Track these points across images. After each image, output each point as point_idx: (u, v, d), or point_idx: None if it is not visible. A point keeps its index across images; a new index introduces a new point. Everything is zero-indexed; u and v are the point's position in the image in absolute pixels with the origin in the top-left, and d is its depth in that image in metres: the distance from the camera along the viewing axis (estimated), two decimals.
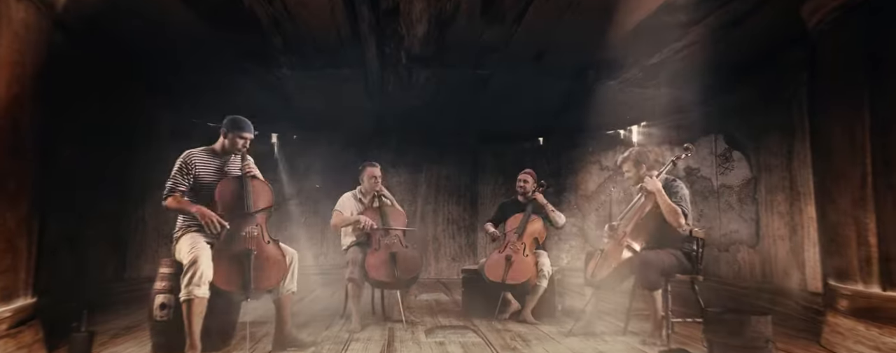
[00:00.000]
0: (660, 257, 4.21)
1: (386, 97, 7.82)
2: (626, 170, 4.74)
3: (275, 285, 3.91)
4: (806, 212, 5.43)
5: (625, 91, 7.18)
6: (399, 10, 5.26)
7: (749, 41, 5.46)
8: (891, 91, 3.67)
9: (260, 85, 7.17)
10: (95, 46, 5.52)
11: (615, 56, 6.09)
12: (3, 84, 3.27)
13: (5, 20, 3.29)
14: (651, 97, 7.42)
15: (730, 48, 5.65)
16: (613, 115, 8.33)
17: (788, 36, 5.11)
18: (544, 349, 4.10)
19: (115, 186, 6.59)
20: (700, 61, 5.97)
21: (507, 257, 5.31)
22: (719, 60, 5.98)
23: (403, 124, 9.72)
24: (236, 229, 3.85)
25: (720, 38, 5.42)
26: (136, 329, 4.79)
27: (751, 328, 3.30)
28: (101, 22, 4.92)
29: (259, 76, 6.84)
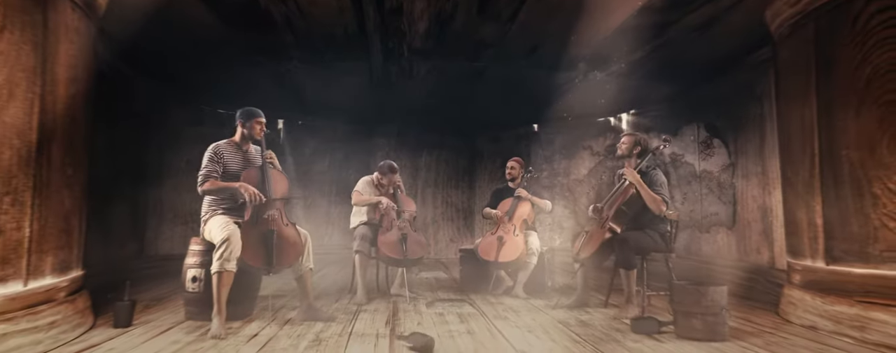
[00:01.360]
0: (637, 238, 4.74)
1: (388, 87, 8.29)
2: (624, 141, 5.18)
3: (293, 261, 4.44)
4: (774, 196, 5.94)
5: (613, 82, 7.66)
6: (402, 9, 5.73)
7: (722, 40, 5.94)
8: (834, 89, 4.17)
9: (270, 76, 7.66)
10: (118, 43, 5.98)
11: (602, 51, 6.54)
12: (62, 85, 3.77)
13: (63, 28, 3.78)
14: (638, 87, 7.90)
15: (705, 46, 6.14)
16: (603, 103, 8.82)
17: (757, 36, 5.59)
18: (532, 318, 4.64)
19: (133, 170, 7.09)
20: (680, 57, 6.49)
21: (499, 238, 5.85)
22: (697, 56, 6.48)
23: (405, 112, 10.18)
24: (259, 213, 4.38)
25: (695, 37, 5.92)
26: (165, 300, 5.35)
27: (708, 298, 3.84)
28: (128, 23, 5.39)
29: (270, 68, 7.32)
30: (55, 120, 3.69)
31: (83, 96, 4.08)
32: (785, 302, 4.68)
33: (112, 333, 3.93)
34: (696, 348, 3.66)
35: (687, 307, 3.91)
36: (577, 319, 4.62)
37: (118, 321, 4.12)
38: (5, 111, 3.22)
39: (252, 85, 7.95)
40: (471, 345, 3.67)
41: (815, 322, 4.18)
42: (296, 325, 4.30)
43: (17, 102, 3.31)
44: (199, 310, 4.36)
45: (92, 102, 4.30)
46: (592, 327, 4.30)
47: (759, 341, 3.84)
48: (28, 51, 3.41)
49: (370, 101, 9.17)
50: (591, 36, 6.09)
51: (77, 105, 3.99)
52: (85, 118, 4.15)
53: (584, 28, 5.89)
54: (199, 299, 4.36)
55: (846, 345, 3.71)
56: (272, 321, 4.46)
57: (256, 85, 7.98)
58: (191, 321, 4.37)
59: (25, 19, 3.39)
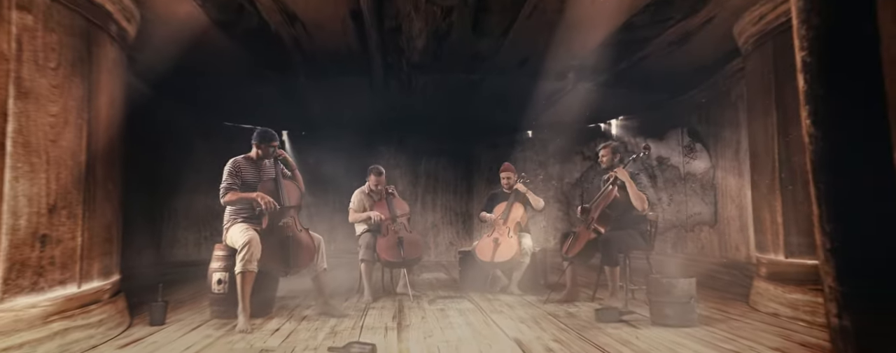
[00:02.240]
0: (620, 238, 5.30)
1: (388, 98, 8.84)
2: (603, 155, 5.77)
3: (308, 264, 5.00)
4: (749, 196, 6.49)
5: (601, 91, 8.21)
6: (401, 29, 6.27)
7: (698, 52, 6.51)
8: (790, 101, 4.72)
9: (276, 90, 8.20)
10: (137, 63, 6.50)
11: (589, 62, 7.09)
12: (104, 110, 4.32)
13: (104, 60, 4.33)
14: (625, 95, 8.46)
15: (685, 57, 6.70)
16: (593, 110, 9.38)
17: (730, 48, 6.13)
18: (525, 311, 5.18)
19: (149, 182, 7.63)
20: (662, 67, 7.05)
21: (495, 240, 6.40)
22: (678, 66, 7.03)
23: (404, 122, 10.74)
24: (275, 220, 4.92)
25: (674, 49, 6.47)
26: (189, 302, 5.89)
27: (678, 288, 4.39)
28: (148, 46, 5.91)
29: (277, 83, 7.87)
30: (99, 142, 4.24)
31: (119, 118, 4.64)
32: (754, 293, 5.23)
33: (150, 330, 4.47)
34: (668, 333, 4.20)
35: (660, 297, 4.47)
36: (566, 311, 5.17)
37: (153, 319, 4.66)
38: (61, 137, 3.77)
39: (259, 99, 8.52)
40: (469, 334, 4.22)
41: (778, 310, 4.73)
42: (312, 320, 4.85)
43: (70, 128, 3.86)
44: (224, 309, 4.91)
45: (125, 123, 4.85)
46: (579, 318, 4.85)
47: (725, 326, 4.40)
48: (78, 83, 3.96)
49: (371, 112, 9.72)
50: (577, 49, 6.63)
51: (115, 127, 4.55)
52: (120, 138, 4.69)
53: (571, 42, 6.43)
54: (224, 299, 4.91)
55: (799, 328, 4.26)
56: (290, 317, 5.00)
57: (263, 99, 8.54)
58: (217, 319, 4.91)
59: (75, 55, 3.94)
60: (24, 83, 3.46)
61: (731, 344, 3.80)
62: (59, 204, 3.74)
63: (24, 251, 3.41)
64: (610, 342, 3.93)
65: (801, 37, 2.09)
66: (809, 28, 2.04)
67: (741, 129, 6.65)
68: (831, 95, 1.97)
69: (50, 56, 3.68)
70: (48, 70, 3.66)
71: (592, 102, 8.71)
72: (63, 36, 3.82)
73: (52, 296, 3.62)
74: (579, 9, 5.55)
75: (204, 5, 5.19)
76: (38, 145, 3.56)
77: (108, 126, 4.41)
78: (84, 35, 4.07)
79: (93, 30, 4.18)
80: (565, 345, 3.84)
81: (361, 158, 10.74)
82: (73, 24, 3.93)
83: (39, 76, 3.58)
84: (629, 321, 4.65)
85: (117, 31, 4.59)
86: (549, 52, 6.79)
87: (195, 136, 8.70)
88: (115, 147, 4.58)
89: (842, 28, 1.96)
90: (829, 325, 1.96)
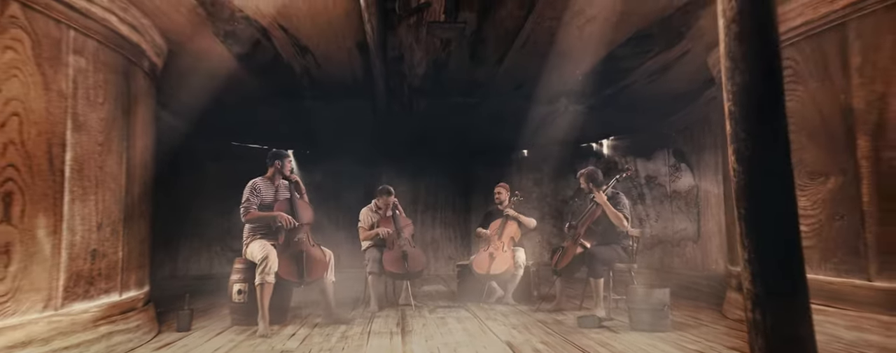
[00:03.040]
0: (604, 252, 5.85)
1: (390, 120, 9.42)
2: (582, 183, 6.34)
3: (320, 276, 5.55)
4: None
5: (591, 113, 8.79)
6: (403, 58, 6.85)
7: (679, 81, 7.09)
8: None
9: (284, 113, 8.78)
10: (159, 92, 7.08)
11: (579, 88, 7.67)
12: (139, 138, 4.90)
13: (139, 91, 4.91)
14: (614, 117, 9.05)
15: (667, 85, 7.29)
16: (585, 131, 9.97)
17: (707, 78, 6.71)
18: (517, 319, 5.73)
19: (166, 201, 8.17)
20: (647, 93, 7.64)
21: (490, 254, 6.95)
22: (661, 93, 7.62)
23: (405, 142, 11.34)
24: (290, 237, 5.48)
25: (656, 78, 7.06)
26: (210, 310, 6.44)
27: (654, 297, 4.94)
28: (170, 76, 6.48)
29: (285, 106, 8.44)
30: (135, 166, 4.81)
31: (150, 143, 5.22)
32: (726, 302, 5.79)
33: (178, 335, 5.01)
34: (644, 336, 4.76)
35: (637, 305, 5.02)
36: (554, 319, 5.72)
37: (181, 325, 5.20)
38: (106, 163, 4.33)
39: (268, 121, 9.09)
40: (466, 338, 4.76)
41: (743, 317, 5.27)
42: (324, 326, 5.40)
43: (113, 155, 4.43)
44: (243, 317, 5.46)
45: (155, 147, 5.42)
46: (565, 325, 5.39)
47: (695, 331, 4.95)
48: (119, 115, 4.54)
49: (373, 132, 10.31)
50: (567, 76, 7.21)
51: (147, 151, 5.13)
52: (151, 161, 5.26)
53: (561, 70, 7.01)
54: (244, 308, 5.46)
55: None
56: (303, 324, 5.54)
57: (272, 121, 9.12)
58: (237, 325, 5.46)
59: (117, 90, 4.52)
60: (79, 117, 4.02)
61: (697, 345, 4.35)
62: (105, 222, 4.29)
63: (78, 264, 3.96)
64: (591, 344, 4.48)
65: (727, 90, 2.63)
66: (734, 84, 2.58)
67: (719, 150, 7.21)
68: (749, 138, 2.53)
69: (98, 92, 4.25)
70: (97, 105, 4.23)
71: (583, 124, 9.30)
72: (108, 74, 4.39)
73: (99, 303, 4.17)
74: (567, 41, 6.13)
75: (225, 41, 5.77)
76: (88, 171, 4.12)
77: (142, 151, 4.99)
78: (124, 72, 4.65)
79: (130, 66, 4.76)
80: (551, 347, 4.39)
81: (363, 177, 11.31)
82: (115, 63, 4.51)
83: (90, 110, 4.15)
84: (610, 326, 5.21)
85: (149, 66, 5.17)
86: (542, 79, 7.36)
87: (207, 156, 9.26)
88: (147, 169, 5.15)
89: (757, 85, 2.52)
90: (747, 319, 2.51)
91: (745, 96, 2.57)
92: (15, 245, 3.43)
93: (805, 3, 4.49)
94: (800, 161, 4.65)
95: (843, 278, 4.22)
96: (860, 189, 4.11)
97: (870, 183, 4.04)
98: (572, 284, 7.31)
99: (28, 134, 3.57)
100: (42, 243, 3.65)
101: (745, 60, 2.56)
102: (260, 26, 5.51)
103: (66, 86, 3.91)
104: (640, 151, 9.55)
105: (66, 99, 3.91)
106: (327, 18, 5.49)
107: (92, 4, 4.09)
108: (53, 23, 3.81)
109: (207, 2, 4.87)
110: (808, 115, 4.57)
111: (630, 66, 6.74)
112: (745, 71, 2.56)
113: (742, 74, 2.58)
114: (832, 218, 4.34)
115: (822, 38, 4.45)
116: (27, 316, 3.50)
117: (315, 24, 5.61)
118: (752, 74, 2.56)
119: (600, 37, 5.99)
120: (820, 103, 4.46)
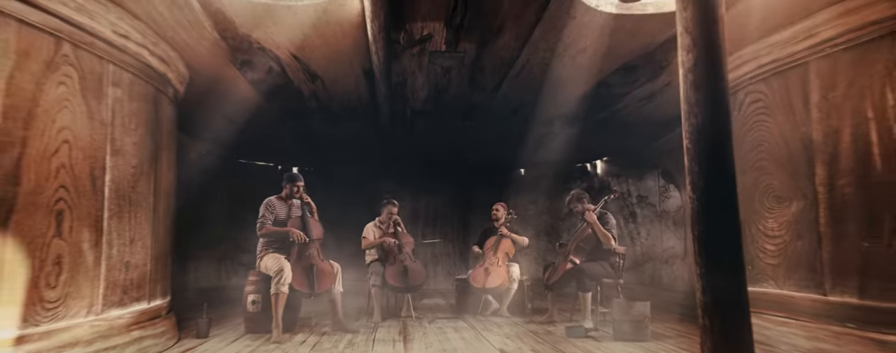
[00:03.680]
0: (592, 268, 6.35)
1: (393, 140, 9.93)
2: (571, 205, 6.84)
3: (328, 288, 6.05)
4: None
5: (585, 135, 9.29)
6: (406, 83, 7.35)
7: (666, 107, 7.59)
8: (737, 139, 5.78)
9: (292, 133, 9.29)
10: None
11: (573, 112, 8.18)
12: (164, 158, 5.42)
13: (164, 116, 5.43)
14: (607, 139, 9.56)
15: (655, 111, 7.79)
16: (579, 152, 10.48)
17: None
18: (511, 329, 6.21)
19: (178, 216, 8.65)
20: (637, 118, 8.15)
21: (486, 269, 7.44)
22: (650, 118, 8.13)
23: (407, 161, 11.87)
24: (301, 251, 5.98)
25: (645, 104, 7.57)
26: (223, 319, 6.93)
27: (635, 309, 5.43)
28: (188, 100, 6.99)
29: (293, 127, 8.95)
30: (160, 185, 5.32)
31: (173, 164, 5.73)
32: None
33: (198, 341, 5.49)
34: (625, 345, 5.25)
35: (620, 317, 5.51)
36: (545, 330, 6.20)
37: (199, 332, 5.69)
38: (138, 183, 4.83)
39: (276, 140, 9.60)
40: (463, 346, 5.25)
41: None
42: (331, 334, 5.89)
43: (143, 176, 4.93)
44: (257, 325, 5.95)
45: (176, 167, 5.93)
46: (555, 335, 5.88)
47: (672, 340, 5.44)
48: (148, 139, 5.05)
49: (376, 152, 10.84)
50: (562, 101, 7.71)
51: (170, 171, 5.64)
52: (174, 180, 5.77)
53: (555, 95, 7.50)
54: (257, 316, 5.95)
55: None
56: (312, 332, 6.03)
57: (280, 140, 9.63)
58: (250, 333, 5.94)
59: (147, 117, 5.04)
60: (116, 143, 4.53)
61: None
62: (136, 237, 4.79)
63: (115, 274, 4.45)
64: (576, 351, 4.97)
65: (685, 130, 3.13)
66: (690, 125, 3.09)
67: None
68: (701, 172, 3.03)
69: (132, 120, 4.76)
70: (131, 131, 4.74)
71: (578, 145, 9.80)
72: (140, 103, 4.91)
73: (132, 310, 4.66)
74: (561, 69, 6.63)
75: (241, 68, 6.27)
76: (124, 191, 4.62)
77: (166, 171, 5.50)
78: (153, 100, 5.16)
79: (158, 94, 5.29)
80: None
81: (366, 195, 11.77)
82: (146, 93, 5.02)
83: (125, 136, 4.66)
84: (595, 336, 5.70)
85: (173, 93, 5.69)
86: (537, 103, 7.85)
87: (216, 173, 9.76)
88: (171, 188, 5.65)
89: (709, 127, 3.02)
90: (698, 324, 2.99)
91: (699, 136, 3.09)
92: (65, 257, 3.93)
93: (773, 42, 5.02)
94: (768, 186, 5.16)
95: (803, 292, 4.72)
96: (818, 213, 4.62)
97: (826, 207, 4.56)
98: (565, 298, 7.79)
99: (75, 159, 4.08)
100: (86, 255, 4.14)
101: (699, 104, 3.09)
102: (275, 56, 6.02)
103: (106, 115, 4.42)
104: (632, 171, 10.04)
105: (106, 126, 4.42)
106: (337, 48, 5.99)
107: (128, 41, 4.61)
108: (96, 59, 4.33)
109: (229, 36, 5.39)
110: (775, 144, 5.09)
111: (620, 92, 7.24)
112: (699, 114, 3.09)
113: (696, 116, 3.11)
114: (795, 239, 4.85)
115: (787, 75, 4.98)
116: (74, 320, 4.00)
117: (325, 54, 6.11)
118: (705, 116, 3.08)
119: (590, 67, 6.49)
120: (785, 134, 4.98)
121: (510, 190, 12.22)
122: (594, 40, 5.84)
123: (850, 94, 4.40)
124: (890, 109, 4.11)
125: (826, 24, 4.51)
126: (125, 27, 4.52)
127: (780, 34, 4.93)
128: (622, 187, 10.18)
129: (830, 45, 4.53)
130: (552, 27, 5.43)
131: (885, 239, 4.11)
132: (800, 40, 4.76)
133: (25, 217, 3.64)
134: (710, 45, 3.02)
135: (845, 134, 4.42)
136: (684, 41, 3.08)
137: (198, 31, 5.12)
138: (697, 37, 3.04)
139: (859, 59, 4.34)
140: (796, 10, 4.68)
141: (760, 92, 5.29)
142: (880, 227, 4.15)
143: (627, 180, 10.09)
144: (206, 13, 4.82)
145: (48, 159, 3.84)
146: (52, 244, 3.83)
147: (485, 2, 4.96)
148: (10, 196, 3.54)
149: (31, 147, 3.72)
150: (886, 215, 4.12)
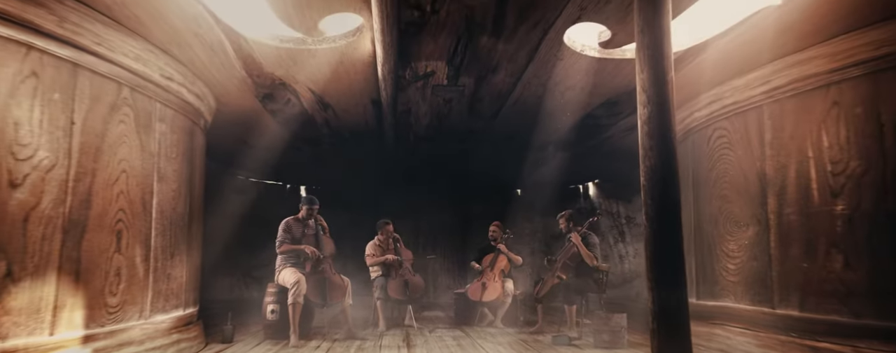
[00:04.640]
0: (577, 284, 7.11)
1: (396, 163, 10.71)
2: (561, 223, 7.61)
3: (340, 300, 6.82)
4: None
5: (577, 159, 10.07)
6: (411, 111, 8.11)
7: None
8: (700, 184, 6.55)
9: (301, 154, 10.06)
10: None
11: (565, 138, 8.95)
12: (197, 182, 6.20)
13: (197, 145, 6.21)
14: (598, 163, 10.33)
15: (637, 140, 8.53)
16: (572, 174, 11.25)
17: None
18: (503, 338, 6.96)
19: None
20: (624, 145, 8.93)
21: (483, 284, 8.20)
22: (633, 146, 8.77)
23: (409, 181, 12.66)
24: (315, 266, 6.75)
25: (631, 133, 8.35)
26: (242, 327, 7.66)
27: (613, 321, 6.18)
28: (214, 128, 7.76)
29: (304, 150, 9.73)
30: (194, 205, 6.09)
31: (202, 186, 6.50)
32: None
33: (223, 346, 6.25)
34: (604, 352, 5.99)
35: (600, 327, 6.26)
36: (534, 339, 6.95)
37: (225, 337, 6.45)
38: (177, 205, 5.60)
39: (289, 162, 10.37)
40: (459, 352, 5.99)
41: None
42: (341, 341, 6.63)
43: (181, 198, 5.70)
44: (275, 332, 6.70)
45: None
46: (542, 343, 6.63)
47: (645, 348, 6.18)
48: (185, 166, 5.82)
49: (380, 173, 11.64)
50: (554, 129, 8.47)
51: (201, 194, 6.41)
52: (202, 201, 6.54)
53: (548, 124, 8.25)
54: (275, 324, 6.71)
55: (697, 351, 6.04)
56: (324, 339, 6.78)
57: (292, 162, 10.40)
58: (269, 339, 6.69)
59: (185, 146, 5.81)
60: (161, 171, 5.30)
61: None
62: (175, 252, 5.55)
63: (160, 284, 5.22)
64: None
65: (641, 170, 3.89)
66: (645, 166, 3.85)
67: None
68: (653, 204, 3.79)
69: (173, 150, 5.54)
70: (172, 159, 5.51)
71: (570, 169, 10.59)
72: (180, 135, 5.68)
73: (171, 316, 5.41)
74: (552, 102, 7.39)
75: (263, 101, 7.05)
76: (166, 212, 5.39)
77: (199, 193, 6.27)
78: (189, 131, 5.94)
79: (193, 126, 6.07)
80: None
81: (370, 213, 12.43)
82: (184, 125, 5.80)
83: (168, 165, 5.43)
84: (578, 344, 6.45)
85: (204, 123, 6.48)
86: (532, 131, 8.60)
87: (232, 192, 10.52)
88: (201, 208, 6.42)
89: (660, 168, 3.78)
90: (649, 329, 3.75)
91: (652, 175, 3.85)
92: (123, 269, 4.70)
93: (736, 86, 5.80)
94: (730, 212, 5.94)
95: (757, 306, 5.49)
96: (769, 237, 5.39)
97: (775, 233, 5.33)
98: (553, 310, 8.53)
99: (131, 185, 4.85)
100: (138, 268, 4.91)
101: (653, 149, 3.86)
102: (293, 90, 6.80)
103: (154, 147, 5.20)
104: (621, 193, 10.80)
105: (153, 157, 5.20)
106: (349, 83, 6.75)
107: (172, 82, 5.40)
108: (147, 99, 5.12)
109: (255, 74, 6.17)
110: (735, 175, 5.87)
111: (606, 123, 8.03)
112: (653, 157, 3.85)
113: (650, 159, 3.88)
114: (751, 259, 5.62)
115: (746, 115, 5.76)
116: (129, 323, 4.76)
117: (338, 88, 6.88)
118: (656, 159, 3.85)
119: (578, 101, 7.26)
120: (744, 167, 5.76)
121: (507, 210, 12.92)
122: (581, 78, 6.61)
123: (795, 135, 5.19)
124: (825, 150, 4.90)
125: (776, 73, 5.31)
126: (170, 71, 5.32)
127: (741, 79, 5.72)
128: (612, 207, 10.94)
129: (780, 91, 5.32)
130: (543, 66, 6.18)
131: (819, 261, 4.89)
132: (756, 86, 5.55)
133: (94, 236, 4.41)
134: (661, 101, 3.79)
135: (791, 169, 5.20)
136: (641, 98, 3.85)
137: (228, 71, 5.90)
138: (652, 95, 3.81)
139: (801, 105, 5.14)
140: (760, 58, 5.48)
141: (725, 129, 6.08)
142: (816, 250, 4.93)
143: (617, 201, 10.85)
144: (238, 57, 5.60)
145: (111, 186, 4.61)
146: (113, 259, 4.60)
147: (482, 46, 5.72)
148: (83, 218, 4.31)
149: (99, 177, 4.49)
150: (821, 240, 4.89)
